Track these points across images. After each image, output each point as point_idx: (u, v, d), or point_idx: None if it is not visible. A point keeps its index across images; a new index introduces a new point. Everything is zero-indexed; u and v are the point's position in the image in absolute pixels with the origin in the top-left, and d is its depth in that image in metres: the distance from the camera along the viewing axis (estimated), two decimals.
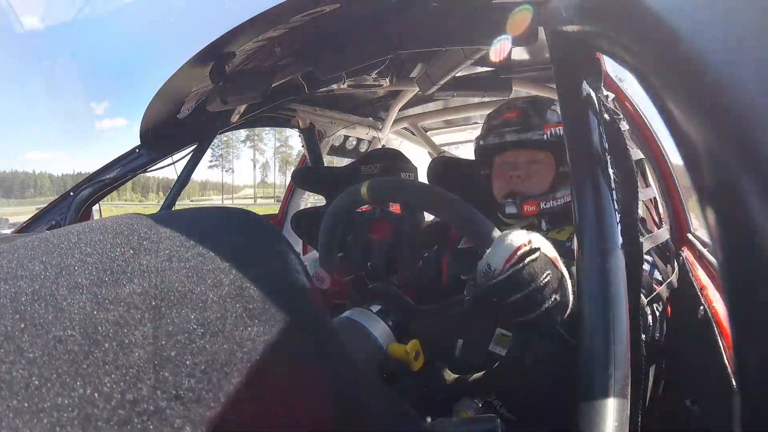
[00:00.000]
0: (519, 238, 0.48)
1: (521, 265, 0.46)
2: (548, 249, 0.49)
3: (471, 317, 0.69)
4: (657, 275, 0.74)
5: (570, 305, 0.48)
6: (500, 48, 0.78)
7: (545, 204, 0.80)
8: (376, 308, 0.53)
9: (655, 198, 1.03)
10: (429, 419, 0.46)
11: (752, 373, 0.20)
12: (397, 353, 0.49)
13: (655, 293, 0.68)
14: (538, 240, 0.49)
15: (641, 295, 0.52)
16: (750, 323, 0.19)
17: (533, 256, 0.47)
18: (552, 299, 0.47)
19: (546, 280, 0.46)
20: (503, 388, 0.66)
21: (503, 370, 0.60)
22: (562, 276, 0.48)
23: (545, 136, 0.79)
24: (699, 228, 1.06)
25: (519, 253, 0.47)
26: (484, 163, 0.91)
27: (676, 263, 0.83)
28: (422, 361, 0.50)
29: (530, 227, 0.83)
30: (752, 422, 0.19)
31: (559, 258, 0.49)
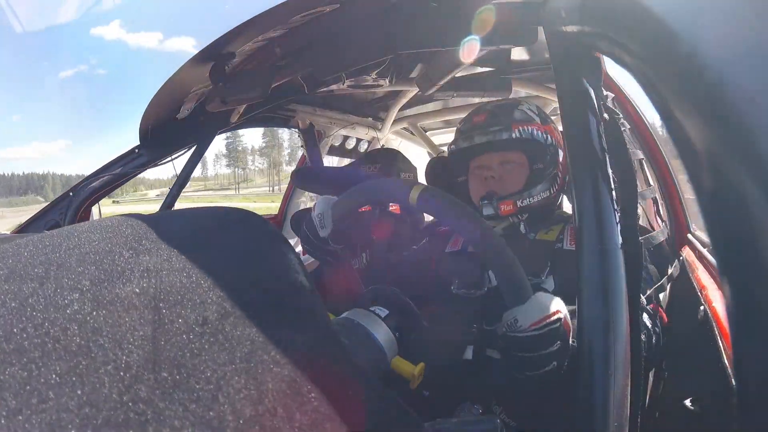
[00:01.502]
0: (553, 305, 0.50)
1: (544, 330, 0.49)
2: (567, 320, 0.51)
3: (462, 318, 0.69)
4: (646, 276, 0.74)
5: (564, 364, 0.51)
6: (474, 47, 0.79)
7: (521, 202, 0.80)
8: (383, 312, 0.50)
9: (655, 198, 1.03)
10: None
11: (752, 373, 0.20)
12: (401, 370, 0.48)
13: (645, 295, 0.68)
14: (563, 308, 0.51)
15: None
16: (749, 323, 0.19)
17: (555, 326, 0.49)
18: (551, 366, 0.50)
19: (554, 349, 0.49)
20: (502, 392, 0.66)
21: (501, 374, 0.60)
22: (569, 348, 0.51)
23: (513, 134, 0.80)
24: (699, 228, 1.06)
25: (548, 320, 0.49)
26: (460, 169, 0.92)
27: (676, 263, 0.83)
28: (420, 379, 0.49)
29: (509, 229, 0.83)
30: (752, 422, 0.19)
31: (572, 329, 0.52)
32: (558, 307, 0.51)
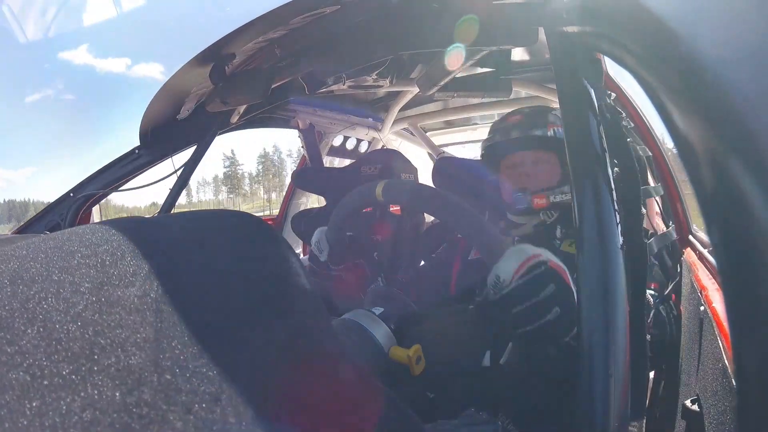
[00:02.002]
0: (529, 249, 0.48)
1: (530, 276, 0.46)
2: (557, 263, 0.49)
3: (474, 324, 0.70)
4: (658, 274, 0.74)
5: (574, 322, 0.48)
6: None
7: (554, 197, 0.81)
8: (378, 310, 0.53)
9: (663, 196, 1.03)
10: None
11: (752, 373, 0.20)
12: (398, 357, 0.49)
13: (666, 293, 0.68)
14: (547, 253, 0.49)
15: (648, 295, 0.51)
16: (749, 323, 0.19)
17: (541, 269, 0.47)
18: (553, 312, 0.46)
19: (549, 293, 0.46)
20: (504, 398, 0.66)
21: (504, 380, 0.59)
22: (569, 290, 0.48)
23: (549, 132, 0.82)
24: (700, 229, 1.06)
25: (528, 264, 0.47)
26: (492, 167, 0.93)
27: (677, 263, 0.83)
28: (423, 365, 0.50)
29: (540, 227, 0.84)
30: (752, 422, 0.19)
31: (568, 273, 0.49)
32: (537, 251, 0.49)
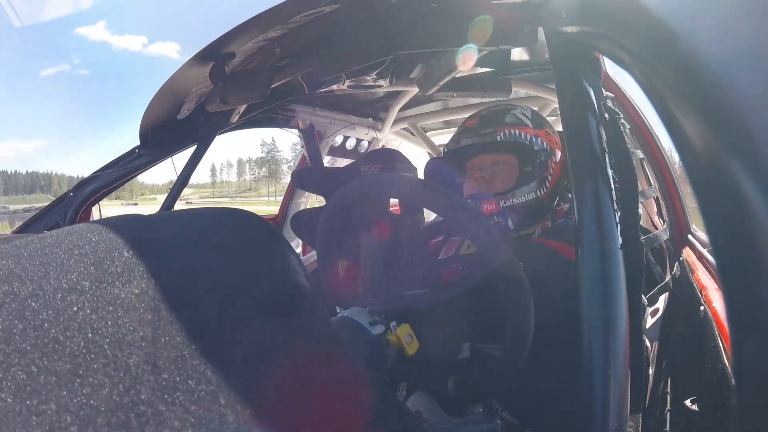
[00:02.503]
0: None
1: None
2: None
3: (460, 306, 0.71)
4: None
5: None
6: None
7: (504, 202, 0.84)
8: (376, 307, 0.55)
9: (657, 197, 1.03)
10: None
11: (752, 373, 0.20)
12: (391, 341, 0.52)
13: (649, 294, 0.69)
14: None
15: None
16: (749, 323, 0.19)
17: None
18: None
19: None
20: (502, 390, 0.66)
21: (500, 371, 0.60)
22: None
23: (498, 137, 0.84)
24: (699, 228, 1.06)
25: None
26: (457, 170, 0.97)
27: (676, 263, 0.83)
28: (417, 345, 0.53)
29: (497, 225, 0.86)
30: (752, 422, 0.19)
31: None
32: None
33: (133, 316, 0.18)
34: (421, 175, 1.33)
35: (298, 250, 1.96)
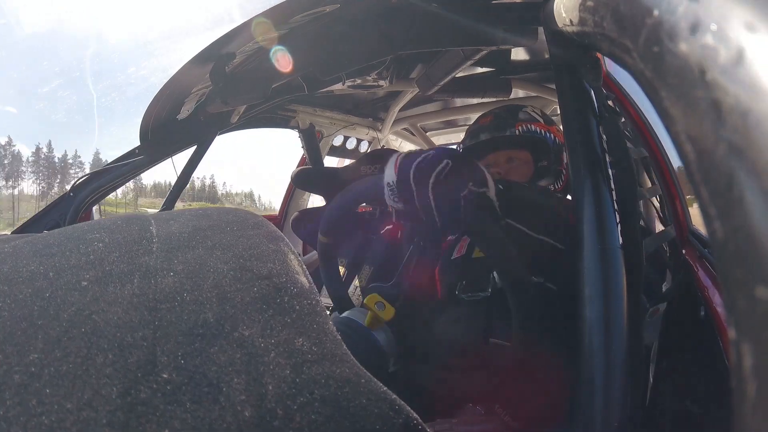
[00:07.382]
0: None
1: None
2: None
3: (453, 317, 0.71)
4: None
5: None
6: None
7: None
8: (381, 306, 0.56)
9: (660, 197, 1.03)
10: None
11: (752, 373, 0.20)
12: (368, 316, 0.54)
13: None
14: None
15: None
16: (749, 323, 0.19)
17: None
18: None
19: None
20: (505, 391, 0.66)
21: (505, 373, 0.60)
22: None
23: (516, 131, 0.86)
24: (699, 229, 1.06)
25: None
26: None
27: (677, 263, 0.83)
28: (392, 311, 0.55)
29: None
30: (751, 422, 0.19)
31: None
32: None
33: (134, 316, 0.18)
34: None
35: (298, 250, 1.96)
